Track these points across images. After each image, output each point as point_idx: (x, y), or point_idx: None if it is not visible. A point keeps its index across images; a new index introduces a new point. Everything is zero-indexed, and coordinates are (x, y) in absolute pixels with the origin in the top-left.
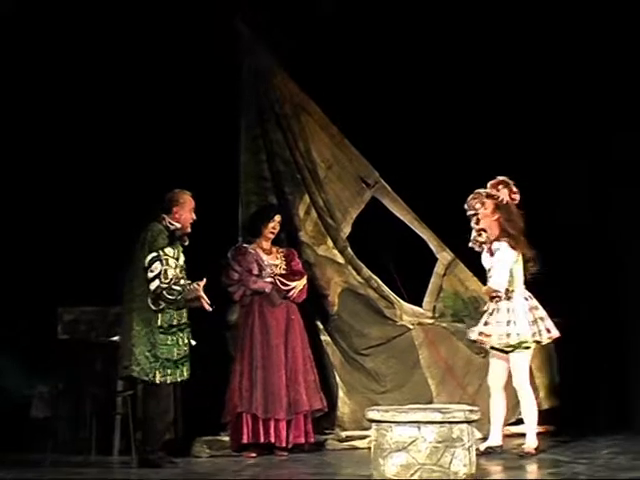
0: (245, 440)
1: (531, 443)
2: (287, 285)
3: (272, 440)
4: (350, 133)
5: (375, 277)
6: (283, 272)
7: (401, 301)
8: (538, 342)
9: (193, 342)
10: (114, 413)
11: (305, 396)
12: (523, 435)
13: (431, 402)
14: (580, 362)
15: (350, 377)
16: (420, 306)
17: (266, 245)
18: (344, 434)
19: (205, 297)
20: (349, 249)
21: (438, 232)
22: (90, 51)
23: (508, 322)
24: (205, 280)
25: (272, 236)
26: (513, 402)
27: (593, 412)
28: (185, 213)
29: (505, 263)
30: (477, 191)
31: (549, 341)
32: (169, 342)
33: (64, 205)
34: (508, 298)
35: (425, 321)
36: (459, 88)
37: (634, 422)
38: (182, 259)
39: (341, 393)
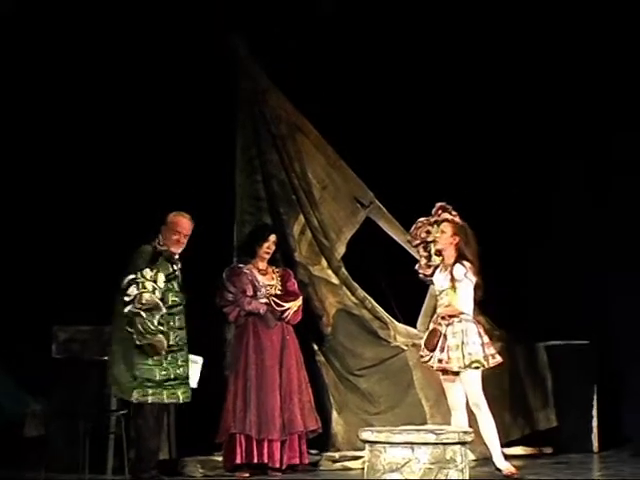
0: (238, 460)
1: (503, 465)
2: (282, 306)
3: (265, 461)
4: (345, 154)
5: (369, 298)
6: (278, 293)
7: (395, 322)
8: (484, 365)
9: (199, 359)
10: (107, 432)
11: (300, 416)
12: (516, 457)
13: (425, 423)
14: (574, 383)
15: (344, 397)
16: (414, 327)
17: (262, 265)
18: (337, 454)
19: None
20: (343, 269)
21: None
22: (86, 71)
23: (463, 343)
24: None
25: (267, 256)
26: (507, 422)
27: (587, 434)
28: (170, 235)
29: (470, 285)
30: (420, 220)
31: (493, 365)
32: (150, 362)
33: (59, 224)
34: (460, 321)
35: (419, 342)
36: (455, 109)
37: (628, 444)
38: (162, 281)
39: (335, 413)
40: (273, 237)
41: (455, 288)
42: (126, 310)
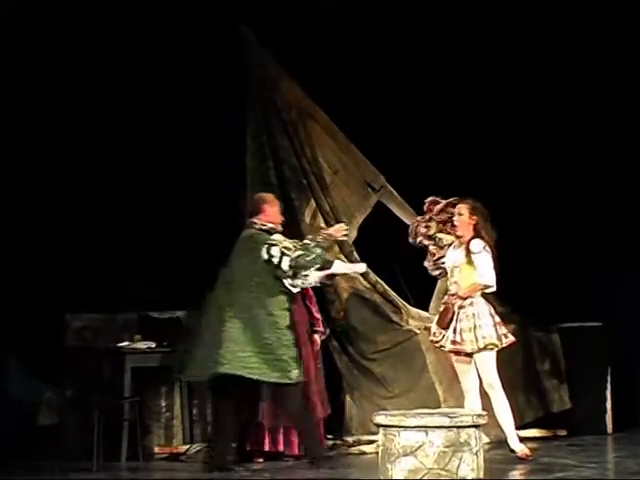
0: (250, 447)
1: (517, 447)
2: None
3: (281, 449)
4: (356, 138)
5: (381, 282)
6: None
7: (407, 306)
8: (498, 345)
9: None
10: (121, 419)
11: (320, 404)
12: (530, 439)
13: (439, 407)
14: (587, 365)
15: (357, 382)
16: (427, 310)
17: None
18: (352, 439)
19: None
20: (355, 254)
21: None
22: (94, 55)
23: (475, 327)
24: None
25: None
26: (522, 404)
27: (601, 416)
28: (275, 213)
29: (489, 256)
30: (413, 222)
31: (506, 345)
32: (294, 341)
33: (70, 213)
34: (471, 303)
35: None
36: (465, 93)
37: None
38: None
39: (348, 398)
40: None
41: (471, 262)
42: (285, 265)
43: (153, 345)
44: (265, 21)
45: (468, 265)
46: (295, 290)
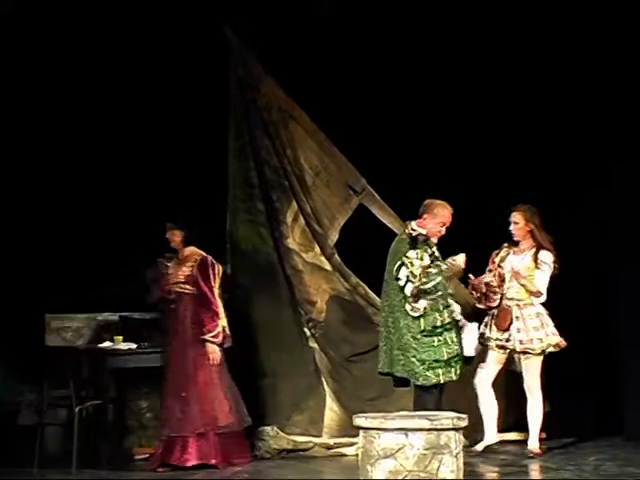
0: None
1: (535, 445)
2: None
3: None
4: (338, 140)
5: (363, 284)
6: None
7: None
8: (560, 344)
9: (474, 326)
10: (102, 420)
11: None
12: (510, 442)
13: None
14: (568, 368)
15: (338, 384)
16: None
17: None
18: (332, 441)
19: (462, 260)
20: (336, 256)
21: None
22: (84, 54)
23: (541, 325)
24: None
25: None
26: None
27: (580, 418)
28: (434, 225)
29: (550, 272)
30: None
31: (562, 346)
32: (435, 344)
33: (52, 213)
34: (532, 303)
35: None
36: (446, 93)
37: (621, 429)
38: (427, 259)
39: (329, 400)
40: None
41: (538, 270)
42: (408, 292)
43: (134, 346)
44: (247, 21)
45: (534, 270)
46: (413, 314)
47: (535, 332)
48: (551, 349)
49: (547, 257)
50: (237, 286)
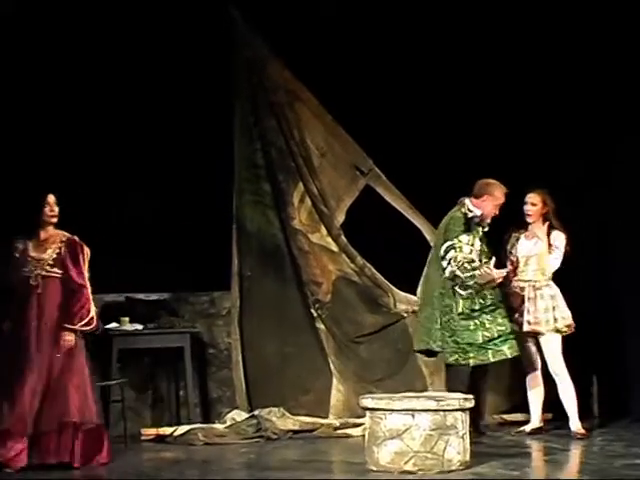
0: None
1: (578, 425)
2: None
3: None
4: (344, 121)
5: (369, 265)
6: None
7: (395, 289)
8: (571, 327)
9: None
10: (108, 401)
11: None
12: (516, 423)
13: (425, 390)
14: (575, 349)
15: (344, 365)
16: (414, 294)
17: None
18: (338, 422)
19: (500, 274)
20: (343, 237)
21: (432, 220)
22: (85, 39)
23: (554, 307)
24: (494, 260)
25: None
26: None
27: (587, 399)
28: (493, 207)
29: (561, 255)
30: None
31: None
32: (471, 327)
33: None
34: (547, 285)
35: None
36: (453, 75)
37: (628, 409)
38: (478, 244)
39: (335, 381)
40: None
41: (551, 252)
42: (447, 273)
43: (140, 327)
44: (253, 2)
45: (546, 254)
46: (461, 292)
47: (544, 314)
48: (565, 329)
49: (561, 239)
50: (243, 267)
